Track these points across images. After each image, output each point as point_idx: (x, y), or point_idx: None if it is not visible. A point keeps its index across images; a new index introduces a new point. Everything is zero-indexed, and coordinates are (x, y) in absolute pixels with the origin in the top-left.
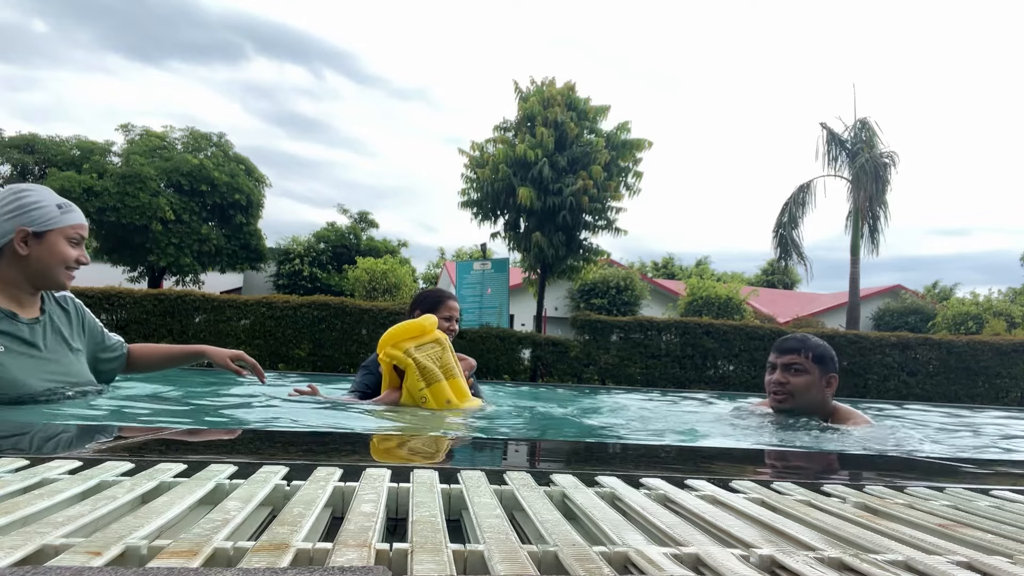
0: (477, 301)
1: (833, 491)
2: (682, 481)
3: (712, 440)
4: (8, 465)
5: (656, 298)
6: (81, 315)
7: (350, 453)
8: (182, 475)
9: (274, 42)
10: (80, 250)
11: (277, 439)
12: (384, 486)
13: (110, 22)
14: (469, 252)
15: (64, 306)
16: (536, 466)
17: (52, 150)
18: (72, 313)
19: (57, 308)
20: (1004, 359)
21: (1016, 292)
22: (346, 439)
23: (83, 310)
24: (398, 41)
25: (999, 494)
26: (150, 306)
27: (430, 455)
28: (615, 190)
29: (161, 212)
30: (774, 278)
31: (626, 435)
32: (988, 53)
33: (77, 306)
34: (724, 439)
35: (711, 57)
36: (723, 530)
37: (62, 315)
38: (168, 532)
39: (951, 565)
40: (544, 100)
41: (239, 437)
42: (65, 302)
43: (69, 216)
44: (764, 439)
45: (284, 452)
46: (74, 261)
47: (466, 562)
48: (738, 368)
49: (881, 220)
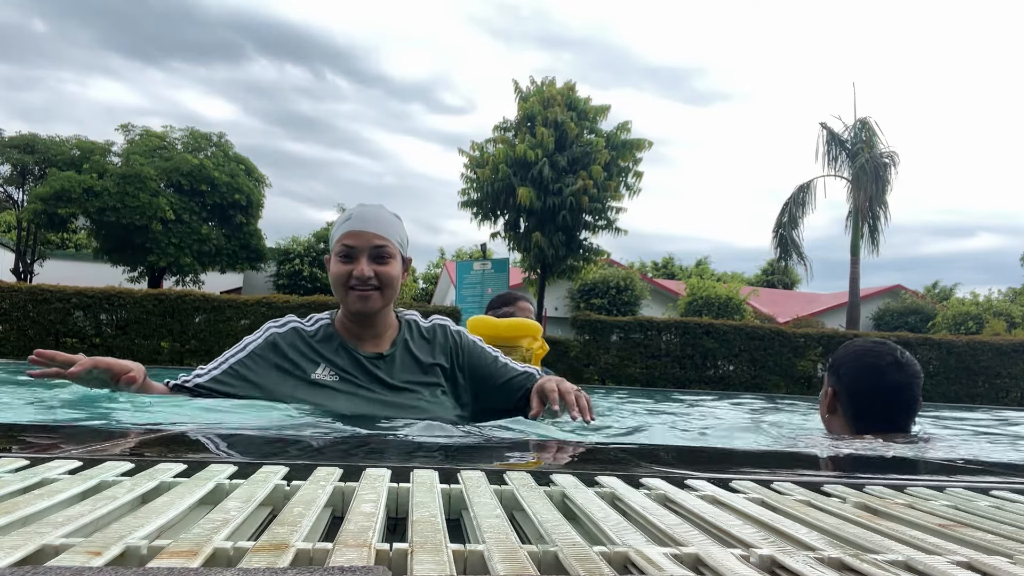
0: (477, 301)
1: (833, 491)
2: (682, 481)
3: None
4: (8, 465)
5: (656, 298)
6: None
7: (350, 453)
8: (182, 475)
9: (274, 42)
10: (357, 264)
11: (277, 439)
12: (384, 486)
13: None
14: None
15: (427, 336)
16: (536, 466)
17: (52, 150)
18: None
19: (419, 339)
20: (1004, 359)
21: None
22: (346, 439)
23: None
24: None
25: (999, 494)
26: (150, 306)
27: (430, 455)
28: (615, 190)
29: (161, 212)
30: (774, 278)
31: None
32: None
33: (449, 333)
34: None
35: (711, 57)
36: (723, 530)
37: (423, 345)
38: (168, 532)
39: (951, 565)
40: (544, 100)
41: (239, 437)
42: (432, 332)
43: (341, 227)
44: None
45: (284, 452)
46: (350, 277)
47: (466, 562)
48: (738, 368)
49: (881, 220)
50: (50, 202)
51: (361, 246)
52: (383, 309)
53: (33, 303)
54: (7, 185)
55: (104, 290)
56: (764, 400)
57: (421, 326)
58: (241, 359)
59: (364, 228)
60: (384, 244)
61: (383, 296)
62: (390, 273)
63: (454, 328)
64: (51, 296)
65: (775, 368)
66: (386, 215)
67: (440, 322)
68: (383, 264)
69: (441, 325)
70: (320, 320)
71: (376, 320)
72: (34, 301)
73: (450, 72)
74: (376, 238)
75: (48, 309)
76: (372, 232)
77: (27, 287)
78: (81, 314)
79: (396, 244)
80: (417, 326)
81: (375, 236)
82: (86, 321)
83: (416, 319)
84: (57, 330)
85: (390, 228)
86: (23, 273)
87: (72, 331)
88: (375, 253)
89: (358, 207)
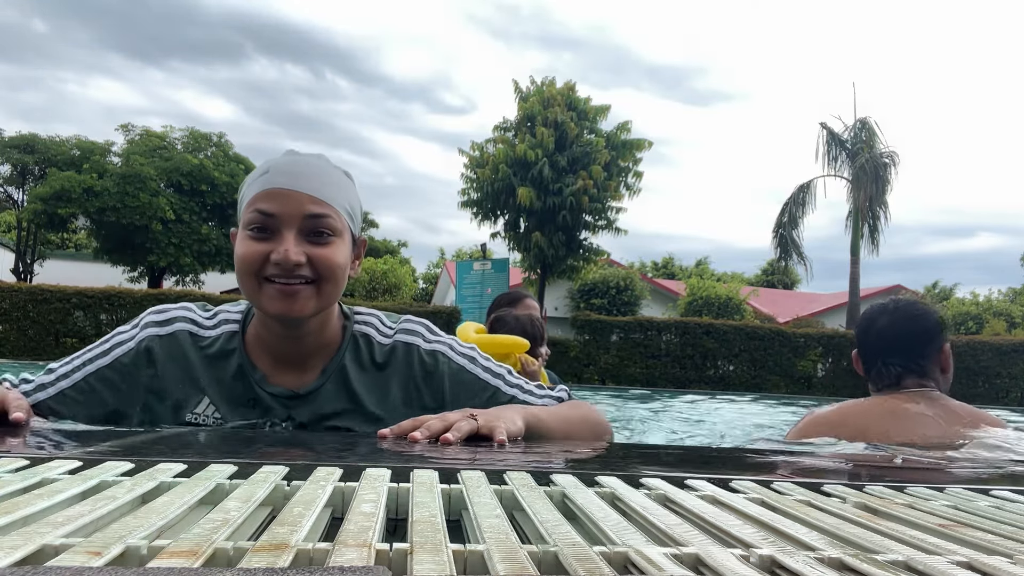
0: (477, 301)
1: (833, 491)
2: (682, 481)
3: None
4: (8, 465)
5: (656, 298)
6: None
7: (350, 453)
8: (182, 475)
9: (274, 41)
10: (279, 241)
11: (277, 439)
12: (384, 486)
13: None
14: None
15: (381, 361)
16: (536, 466)
17: (52, 150)
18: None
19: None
20: (1004, 359)
21: (1016, 292)
22: (346, 439)
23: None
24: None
25: (999, 494)
26: (150, 306)
27: (430, 455)
28: (615, 190)
29: (161, 212)
30: (774, 278)
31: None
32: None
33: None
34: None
35: (711, 57)
36: (723, 530)
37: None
38: (168, 532)
39: (951, 565)
40: (544, 100)
41: (239, 437)
42: (390, 354)
43: (254, 184)
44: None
45: (284, 452)
46: (266, 262)
47: (466, 562)
48: (738, 368)
49: (881, 220)
50: (50, 202)
51: (287, 214)
52: (318, 315)
53: (33, 303)
54: (7, 185)
55: (104, 290)
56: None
57: (376, 343)
58: (101, 368)
59: (292, 186)
60: (324, 214)
61: (319, 294)
62: (332, 259)
63: (428, 348)
64: (51, 296)
65: (775, 368)
66: (328, 169)
67: (406, 338)
68: (321, 244)
69: (406, 343)
70: (226, 320)
71: (305, 332)
72: (34, 301)
73: (450, 72)
74: (311, 202)
75: (48, 309)
76: (305, 193)
77: (27, 287)
78: (81, 314)
79: (343, 214)
80: (370, 344)
81: (309, 200)
82: (86, 321)
83: (372, 331)
84: (57, 330)
85: (334, 189)
86: (23, 273)
87: (72, 331)
88: (309, 226)
89: (284, 155)
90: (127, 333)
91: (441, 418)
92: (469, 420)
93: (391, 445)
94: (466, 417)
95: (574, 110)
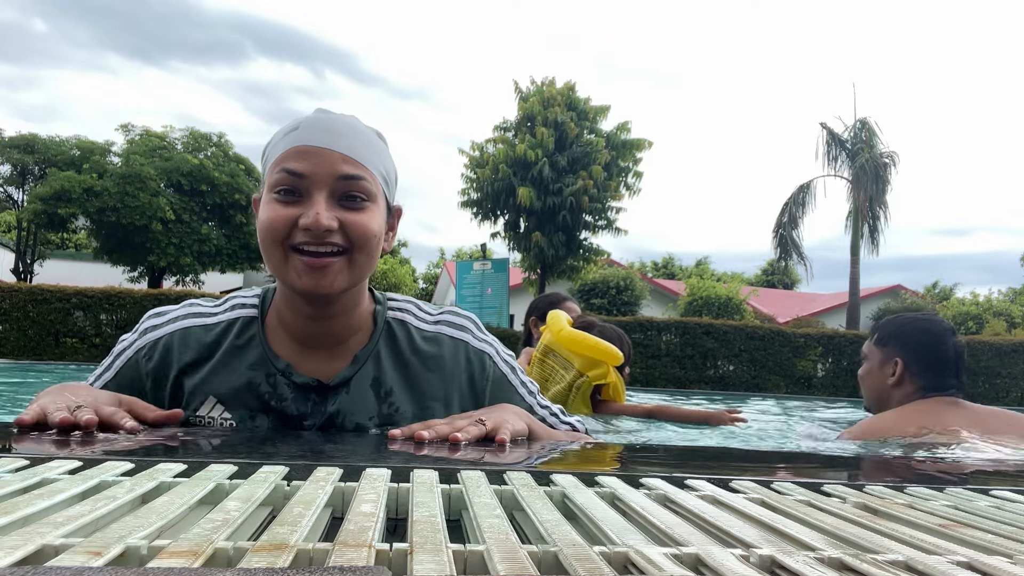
0: (477, 301)
1: (833, 491)
2: (682, 481)
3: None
4: (8, 465)
5: (656, 298)
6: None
7: (350, 453)
8: (182, 475)
9: (274, 41)
10: (310, 205)
11: (277, 439)
12: (384, 486)
13: (110, 22)
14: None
15: (425, 351)
16: (536, 466)
17: (52, 150)
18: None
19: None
20: (1004, 359)
21: (1016, 292)
22: (346, 439)
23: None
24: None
25: (999, 494)
26: (150, 306)
27: (430, 455)
28: (615, 190)
29: (161, 212)
30: (774, 278)
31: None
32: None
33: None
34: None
35: (711, 57)
36: (723, 530)
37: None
38: (168, 532)
39: (951, 565)
40: (544, 100)
41: (239, 437)
42: (437, 343)
43: (282, 142)
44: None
45: (284, 452)
46: (294, 228)
47: (466, 562)
48: (738, 368)
49: (881, 220)
50: (50, 202)
51: (318, 174)
52: (350, 290)
53: (33, 303)
54: (7, 185)
55: (104, 290)
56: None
57: (415, 330)
58: (107, 384)
59: (325, 144)
60: (359, 175)
61: (351, 266)
62: (366, 226)
63: (477, 347)
64: (51, 296)
65: (775, 368)
66: (363, 128)
67: (453, 332)
68: (355, 209)
69: (453, 337)
70: (241, 304)
71: (334, 312)
72: (34, 301)
73: (450, 72)
74: (345, 162)
75: (48, 309)
76: (338, 152)
77: (27, 287)
78: (81, 314)
79: (378, 177)
80: (407, 331)
81: (343, 160)
82: (86, 321)
83: (410, 318)
84: (57, 330)
85: (370, 150)
86: (23, 273)
87: (72, 331)
88: (342, 189)
89: (315, 112)
90: (127, 341)
91: (449, 422)
92: (478, 424)
93: (394, 445)
94: (474, 421)
95: (574, 110)
